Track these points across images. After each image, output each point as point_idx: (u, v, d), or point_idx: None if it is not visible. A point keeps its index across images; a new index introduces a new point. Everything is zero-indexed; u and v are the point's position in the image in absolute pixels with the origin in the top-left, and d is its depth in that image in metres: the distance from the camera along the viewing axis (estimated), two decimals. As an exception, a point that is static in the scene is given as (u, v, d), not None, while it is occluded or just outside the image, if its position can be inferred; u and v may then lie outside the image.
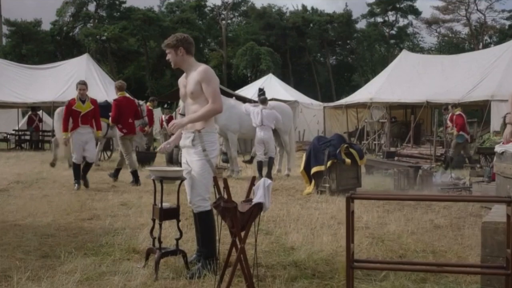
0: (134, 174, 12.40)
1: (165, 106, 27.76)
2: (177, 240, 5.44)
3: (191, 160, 5.38)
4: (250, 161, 15.17)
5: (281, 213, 8.60)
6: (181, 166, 12.12)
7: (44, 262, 5.62)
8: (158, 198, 5.43)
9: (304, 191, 11.24)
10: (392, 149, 18.72)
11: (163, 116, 23.75)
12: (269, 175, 13.33)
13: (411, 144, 20.32)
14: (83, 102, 11.48)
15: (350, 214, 3.40)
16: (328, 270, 5.48)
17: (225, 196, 4.62)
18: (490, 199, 5.31)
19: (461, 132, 16.62)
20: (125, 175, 14.16)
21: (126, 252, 5.98)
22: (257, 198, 4.50)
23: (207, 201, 5.35)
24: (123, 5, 57.65)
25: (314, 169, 11.11)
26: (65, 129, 11.42)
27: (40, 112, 28.79)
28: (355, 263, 3.64)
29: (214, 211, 5.05)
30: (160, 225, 5.38)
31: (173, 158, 17.12)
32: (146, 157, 17.46)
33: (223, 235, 5.33)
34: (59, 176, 13.68)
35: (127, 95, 13.38)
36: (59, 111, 17.90)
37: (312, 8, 64.59)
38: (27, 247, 6.21)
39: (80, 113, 11.39)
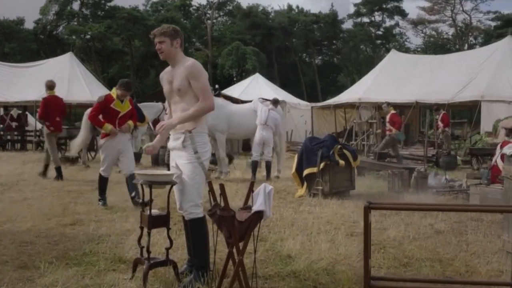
0: (58, 170, 12.93)
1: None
2: (167, 249, 5.03)
3: (181, 163, 4.97)
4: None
5: (274, 217, 8.18)
6: (168, 168, 11.64)
7: (22, 274, 5.17)
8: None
9: (296, 193, 10.86)
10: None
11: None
12: (268, 177, 13.37)
13: (401, 145, 20.00)
14: (122, 101, 9.53)
15: (368, 226, 3.00)
16: (330, 281, 5.12)
17: (221, 203, 4.19)
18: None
19: (400, 131, 17.15)
20: (110, 176, 13.71)
21: (111, 262, 5.55)
22: (257, 205, 4.10)
23: (199, 207, 4.95)
24: (108, 4, 56.98)
25: (306, 171, 10.72)
26: (102, 123, 9.33)
27: (11, 111, 28.06)
28: (372, 281, 3.26)
29: (208, 218, 4.64)
30: (149, 233, 4.95)
31: (159, 159, 16.69)
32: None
33: (218, 243, 4.91)
34: (40, 178, 13.15)
35: (56, 94, 13.64)
36: (88, 112, 17.49)
37: (298, 7, 64.32)
38: (3, 256, 5.75)
39: (119, 113, 9.41)
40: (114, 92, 9.51)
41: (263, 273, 5.21)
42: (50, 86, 13.38)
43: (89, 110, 17.87)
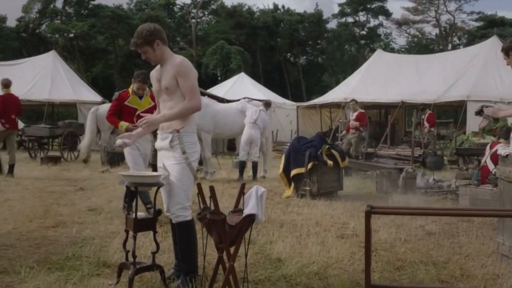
0: (11, 167, 13.19)
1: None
2: (154, 254, 4.82)
3: (169, 164, 4.77)
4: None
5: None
6: (154, 169, 11.33)
7: (1, 279, 4.95)
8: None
9: (284, 194, 10.69)
10: (369, 149, 18.25)
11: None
12: (254, 178, 13.25)
13: (388, 145, 19.91)
14: (141, 97, 8.37)
15: (369, 232, 2.84)
16: (323, 286, 4.95)
17: (211, 206, 4.01)
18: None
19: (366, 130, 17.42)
20: (94, 177, 13.50)
21: (95, 267, 5.33)
22: (248, 208, 3.91)
23: (188, 210, 4.76)
24: (92, 2, 56.53)
25: (294, 171, 10.55)
26: (117, 121, 8.26)
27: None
28: (373, 289, 3.09)
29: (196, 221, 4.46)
30: (135, 237, 4.74)
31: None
32: (115, 157, 16.71)
33: (207, 246, 4.72)
34: (22, 178, 12.88)
35: (12, 92, 13.49)
36: (94, 111, 17.21)
37: (283, 7, 64.20)
38: (-18, 261, 5.53)
39: (136, 110, 8.25)
40: (132, 87, 8.34)
41: (253, 277, 5.03)
42: (6, 84, 13.32)
43: (93, 109, 17.80)
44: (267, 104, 14.36)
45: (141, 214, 4.80)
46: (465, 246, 6.50)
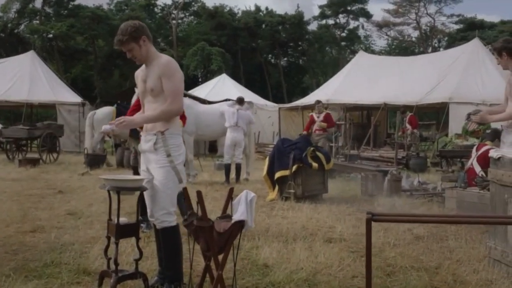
0: None
1: (115, 106, 26.67)
2: (137, 261, 4.62)
3: (153, 167, 4.57)
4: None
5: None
6: (135, 171, 11.03)
7: (-25, 289, 4.73)
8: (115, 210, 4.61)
9: (267, 197, 10.50)
10: (352, 151, 18.16)
11: (104, 128, 22.82)
12: (237, 180, 13.10)
13: (371, 147, 19.82)
14: None
15: (370, 241, 2.67)
16: (313, 294, 4.77)
17: (199, 212, 3.81)
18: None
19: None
20: (73, 179, 13.25)
21: (75, 274, 5.10)
22: (238, 215, 3.72)
23: (173, 215, 4.56)
24: (71, 3, 55.93)
25: (278, 174, 10.37)
26: None
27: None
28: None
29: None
30: (117, 244, 4.53)
31: (124, 161, 16.19)
32: (95, 160, 16.46)
33: (193, 252, 4.52)
34: None
35: None
36: (91, 115, 16.85)
37: (267, 9, 64.05)
38: (-44, 269, 5.28)
39: None
40: None
41: (240, 285, 4.83)
42: None
43: (90, 114, 17.47)
44: (240, 100, 13.93)
45: (124, 219, 4.59)
46: (455, 251, 6.37)
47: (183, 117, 7.05)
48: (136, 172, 13.64)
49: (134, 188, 4.50)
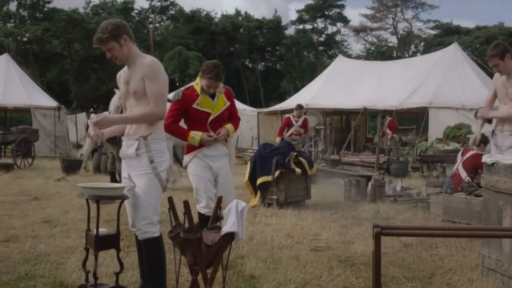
0: None
1: (91, 110, 26.28)
2: (117, 274, 4.34)
3: (135, 174, 4.31)
4: None
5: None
6: (112, 177, 10.64)
7: None
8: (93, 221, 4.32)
9: (249, 203, 10.23)
10: (333, 156, 17.99)
11: (88, 121, 22.41)
12: None
13: (351, 152, 19.67)
14: (213, 97, 6.02)
15: (379, 257, 2.43)
16: (304, 308, 4.53)
17: (185, 224, 3.55)
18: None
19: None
20: (49, 185, 12.89)
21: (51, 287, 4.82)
22: (228, 226, 3.47)
23: (156, 225, 4.30)
24: (47, 6, 55.31)
25: (260, 180, 10.12)
26: (185, 133, 6.05)
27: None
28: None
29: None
30: (96, 256, 4.24)
31: (101, 167, 15.83)
32: (72, 165, 16.07)
33: (177, 264, 4.26)
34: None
35: None
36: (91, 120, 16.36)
37: (245, 13, 63.90)
38: None
39: (209, 115, 6.01)
40: (198, 82, 6.04)
41: (226, 299, 4.59)
42: None
43: (90, 120, 17.04)
44: None
45: (103, 230, 4.31)
46: (447, 259, 6.18)
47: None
48: (113, 178, 13.44)
49: (115, 196, 4.22)
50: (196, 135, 5.91)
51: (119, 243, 4.42)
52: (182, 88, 6.28)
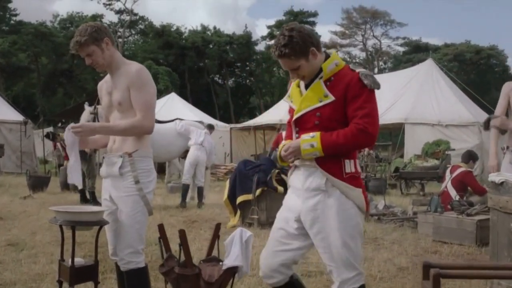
0: None
1: (59, 125, 25.52)
2: (96, 310, 3.80)
3: (117, 196, 3.77)
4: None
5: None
6: (81, 195, 9.92)
7: None
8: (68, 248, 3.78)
9: (228, 223, 9.71)
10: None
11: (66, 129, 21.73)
12: (199, 205, 12.32)
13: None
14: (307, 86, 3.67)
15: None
16: None
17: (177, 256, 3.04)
18: None
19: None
20: (14, 204, 12.22)
21: (18, 325, 4.26)
22: (231, 259, 3.00)
23: (141, 254, 3.77)
24: (14, 19, 54.32)
25: (240, 198, 9.61)
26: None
27: None
28: None
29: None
30: (71, 290, 3.70)
31: (69, 184, 15.13)
32: (39, 182, 15.36)
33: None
34: None
35: None
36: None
37: (214, 28, 63.64)
38: None
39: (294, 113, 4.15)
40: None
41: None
42: None
43: None
44: (211, 127, 13.73)
45: (79, 260, 3.77)
46: (448, 284, 5.75)
47: None
48: (83, 196, 12.79)
49: (93, 222, 3.68)
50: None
51: (98, 274, 3.88)
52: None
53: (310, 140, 3.42)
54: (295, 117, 3.58)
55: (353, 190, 3.46)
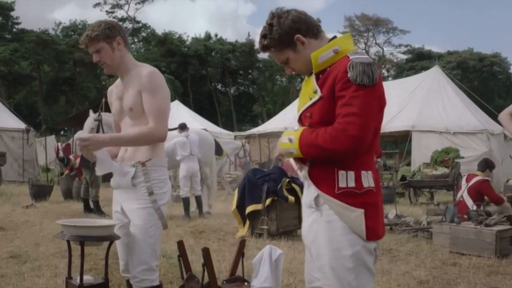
0: None
1: (61, 133, 25.32)
2: (105, 332, 3.52)
3: (130, 209, 3.49)
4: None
5: (219, 266, 6.72)
6: (85, 204, 9.61)
7: None
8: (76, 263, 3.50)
9: (237, 233, 9.43)
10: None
11: (58, 144, 21.51)
12: (202, 215, 12.05)
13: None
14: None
15: None
16: None
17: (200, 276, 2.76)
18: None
19: None
20: (17, 213, 11.95)
21: None
22: (260, 279, 2.71)
23: (155, 271, 3.48)
24: (16, 26, 54.17)
25: (249, 208, 9.31)
26: None
27: None
28: None
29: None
30: (79, 311, 3.42)
31: (73, 193, 14.88)
32: (41, 190, 15.09)
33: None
34: None
35: None
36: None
37: (216, 36, 63.54)
38: None
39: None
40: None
41: None
42: None
43: (57, 144, 16.00)
44: (182, 127, 12.47)
45: (89, 278, 3.49)
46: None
47: None
48: (87, 206, 12.51)
49: (103, 237, 3.40)
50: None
51: (108, 293, 3.60)
52: None
53: (292, 133, 2.87)
54: (297, 119, 3.04)
55: (350, 211, 2.69)
